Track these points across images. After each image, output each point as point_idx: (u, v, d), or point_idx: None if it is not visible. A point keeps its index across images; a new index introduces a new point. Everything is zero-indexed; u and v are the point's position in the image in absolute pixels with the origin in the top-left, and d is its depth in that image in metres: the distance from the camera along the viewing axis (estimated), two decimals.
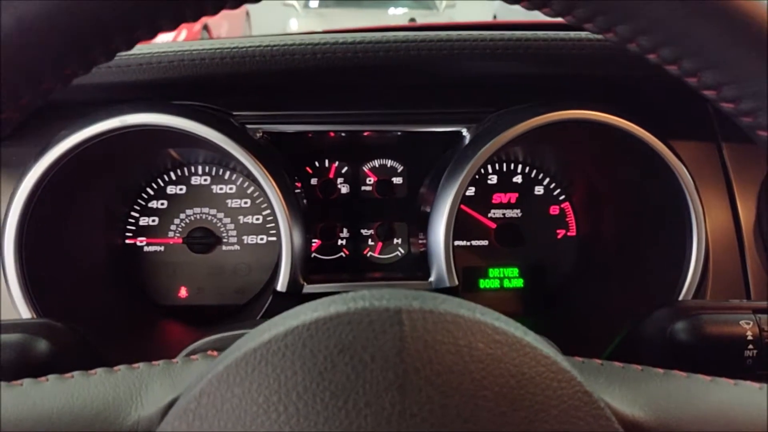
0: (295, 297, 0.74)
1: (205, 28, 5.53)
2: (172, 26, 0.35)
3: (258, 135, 0.79)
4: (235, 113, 0.79)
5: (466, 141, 0.79)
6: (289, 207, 0.72)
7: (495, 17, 7.12)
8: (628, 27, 0.36)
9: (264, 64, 0.68)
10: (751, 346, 0.54)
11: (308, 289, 0.76)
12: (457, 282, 0.74)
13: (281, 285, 0.74)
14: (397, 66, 0.71)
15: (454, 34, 0.68)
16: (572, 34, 0.71)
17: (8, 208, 0.67)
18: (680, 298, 0.72)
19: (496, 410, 0.30)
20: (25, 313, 0.67)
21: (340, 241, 0.94)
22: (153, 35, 0.35)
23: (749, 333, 0.54)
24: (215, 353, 0.41)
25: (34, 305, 0.68)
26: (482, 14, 7.72)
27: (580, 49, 0.71)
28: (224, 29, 6.25)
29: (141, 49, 0.70)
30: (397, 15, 6.85)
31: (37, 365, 0.52)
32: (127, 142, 0.72)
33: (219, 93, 0.78)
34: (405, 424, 0.29)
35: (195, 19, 0.36)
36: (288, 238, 0.73)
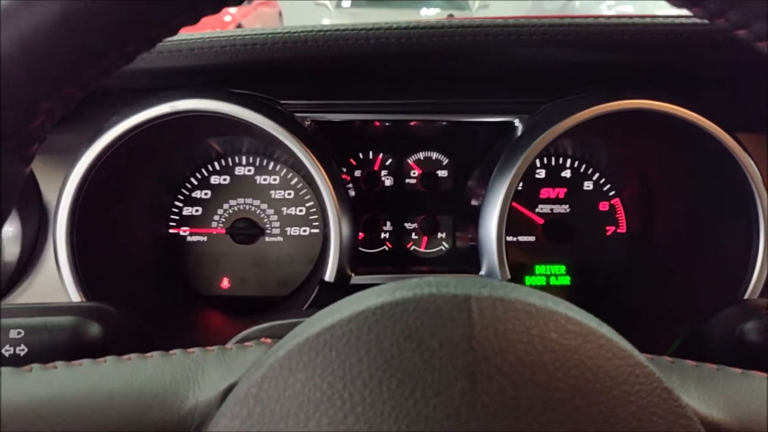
0: (342, 288, 0.73)
1: (239, 27, 5.58)
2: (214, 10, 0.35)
3: (306, 123, 0.78)
4: (282, 102, 0.78)
5: (519, 132, 0.77)
6: (339, 196, 0.72)
7: None
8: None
9: (316, 49, 0.67)
10: None
11: (356, 280, 0.75)
12: (509, 276, 0.72)
13: (329, 275, 0.73)
14: (453, 52, 0.69)
15: (510, 20, 0.66)
16: (636, 19, 0.69)
17: (60, 194, 0.68)
18: (746, 297, 0.69)
19: (570, 404, 0.29)
20: (75, 296, 0.68)
21: (383, 234, 0.93)
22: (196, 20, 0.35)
23: None
24: (269, 341, 0.41)
25: (84, 289, 0.68)
26: (515, 14, 7.62)
27: (642, 35, 0.68)
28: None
29: (192, 35, 0.70)
30: (430, 15, 6.82)
31: (90, 348, 0.52)
32: (176, 129, 0.72)
33: (267, 81, 0.78)
34: (475, 415, 0.28)
35: (238, 3, 0.35)
36: (337, 227, 0.72)
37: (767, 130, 0.78)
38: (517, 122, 0.79)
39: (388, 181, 0.92)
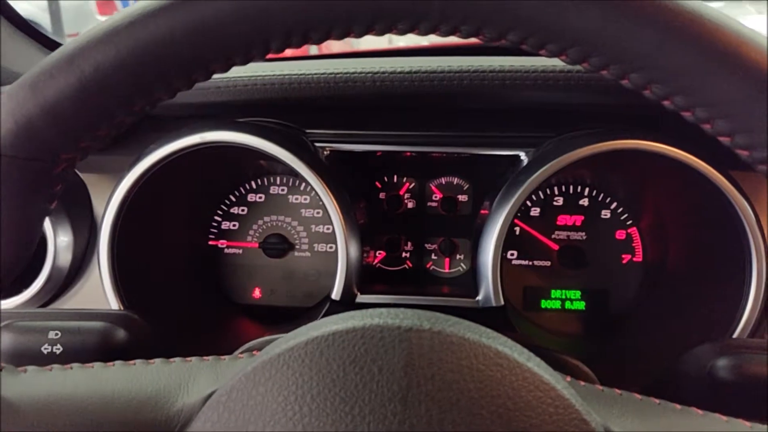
0: (348, 306, 0.79)
1: None
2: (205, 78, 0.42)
3: (326, 153, 0.84)
4: (308, 131, 0.85)
5: (523, 165, 0.80)
6: (347, 223, 0.77)
7: None
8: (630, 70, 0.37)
9: (329, 89, 0.74)
10: None
11: (361, 299, 0.80)
12: (503, 302, 0.75)
13: (336, 294, 0.78)
14: (452, 94, 0.74)
15: (506, 65, 0.70)
16: None
17: (105, 210, 0.76)
18: (736, 335, 0.69)
19: (490, 429, 0.32)
20: (113, 303, 0.76)
21: (403, 254, 0.98)
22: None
23: None
24: (257, 353, 0.46)
25: (122, 297, 0.76)
26: None
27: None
28: None
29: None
30: None
31: (117, 351, 0.60)
32: (211, 153, 0.79)
33: (293, 112, 0.84)
34: None
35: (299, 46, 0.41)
36: (344, 250, 0.77)
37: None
38: (523, 156, 0.82)
39: (411, 204, 0.97)
